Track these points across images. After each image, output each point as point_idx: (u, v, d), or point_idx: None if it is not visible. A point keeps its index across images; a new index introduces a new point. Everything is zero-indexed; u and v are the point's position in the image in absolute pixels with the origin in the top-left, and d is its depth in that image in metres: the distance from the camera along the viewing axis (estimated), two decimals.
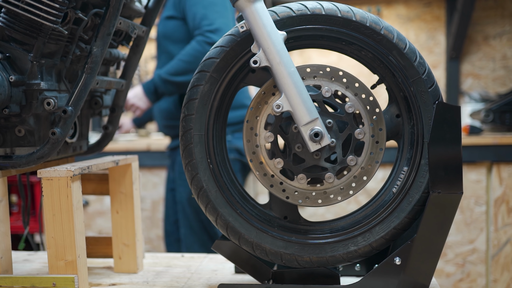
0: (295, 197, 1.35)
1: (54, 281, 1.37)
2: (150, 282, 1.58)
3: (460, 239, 3.13)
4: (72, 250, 1.38)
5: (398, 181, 1.36)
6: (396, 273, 1.30)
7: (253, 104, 1.35)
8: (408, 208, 1.33)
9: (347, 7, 1.34)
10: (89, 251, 1.72)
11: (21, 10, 1.34)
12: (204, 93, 1.37)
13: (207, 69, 1.36)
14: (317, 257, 1.36)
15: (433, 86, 1.32)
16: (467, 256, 3.14)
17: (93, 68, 1.39)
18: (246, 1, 1.28)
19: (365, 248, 1.35)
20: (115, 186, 1.65)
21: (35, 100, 1.41)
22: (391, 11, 4.13)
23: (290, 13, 1.34)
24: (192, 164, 1.38)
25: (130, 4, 1.60)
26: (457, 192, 1.26)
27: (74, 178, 1.39)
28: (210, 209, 1.38)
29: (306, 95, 1.28)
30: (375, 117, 1.32)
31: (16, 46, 1.40)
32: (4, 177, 1.48)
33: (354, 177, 1.34)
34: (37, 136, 1.47)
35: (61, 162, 1.67)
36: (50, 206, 1.38)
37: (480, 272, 3.12)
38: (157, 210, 3.49)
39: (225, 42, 1.36)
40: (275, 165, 1.35)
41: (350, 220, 1.41)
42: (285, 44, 1.32)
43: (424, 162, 1.31)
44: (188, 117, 1.37)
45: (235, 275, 1.64)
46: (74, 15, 1.41)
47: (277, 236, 1.38)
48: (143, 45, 1.71)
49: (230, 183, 1.42)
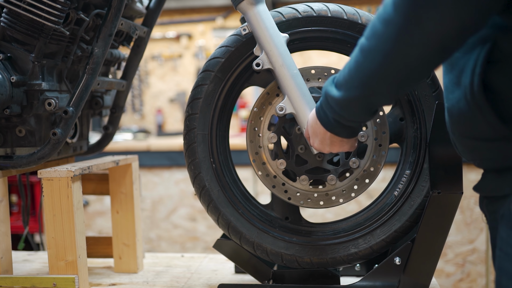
0: (297, 198, 1.35)
1: (55, 281, 1.37)
2: (150, 282, 1.58)
3: (460, 239, 3.14)
4: (73, 250, 1.39)
5: (400, 184, 1.36)
6: (396, 273, 1.30)
7: (257, 104, 1.35)
8: (410, 211, 1.33)
9: (353, 9, 1.33)
10: (89, 251, 1.72)
11: (23, 10, 1.34)
12: (208, 92, 1.37)
13: (212, 69, 1.37)
14: (318, 258, 1.36)
15: (437, 90, 1.32)
16: (467, 256, 3.14)
17: (95, 68, 1.38)
18: (248, 4, 1.28)
19: (365, 251, 1.35)
20: (115, 186, 1.66)
21: (36, 100, 1.41)
22: None
23: (296, 14, 1.34)
24: (195, 163, 1.38)
25: (131, 4, 1.60)
26: (457, 192, 1.26)
27: (75, 178, 1.39)
28: (212, 208, 1.39)
29: (309, 97, 1.28)
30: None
31: (17, 47, 1.40)
32: (5, 177, 1.48)
33: (357, 179, 1.34)
34: (38, 136, 1.47)
35: (61, 162, 1.67)
36: (50, 206, 1.38)
37: (480, 272, 3.12)
38: (157, 210, 3.49)
39: (230, 42, 1.36)
40: (278, 166, 1.35)
41: (351, 222, 1.41)
42: (290, 46, 1.32)
43: (426, 166, 1.31)
44: (192, 116, 1.38)
45: (235, 275, 1.64)
46: (76, 15, 1.41)
47: (278, 237, 1.38)
48: (144, 45, 1.71)
49: (233, 182, 1.42)
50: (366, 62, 0.95)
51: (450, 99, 1.03)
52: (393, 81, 0.95)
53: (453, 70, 1.01)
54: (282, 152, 1.37)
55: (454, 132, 1.06)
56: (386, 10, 0.90)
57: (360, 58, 0.97)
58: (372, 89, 0.98)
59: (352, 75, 1.00)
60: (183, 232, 3.46)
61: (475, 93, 0.93)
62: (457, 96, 1.00)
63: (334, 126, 1.10)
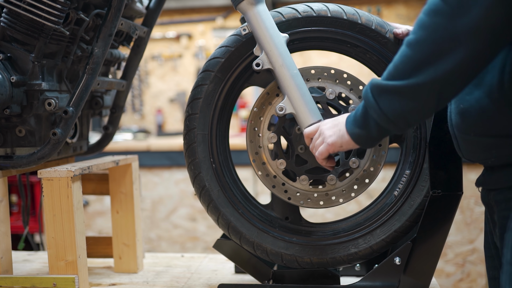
0: (297, 198, 1.35)
1: (55, 281, 1.37)
2: (150, 282, 1.58)
3: (460, 239, 3.14)
4: (73, 250, 1.39)
5: (400, 184, 1.36)
6: (396, 273, 1.30)
7: (257, 104, 1.35)
8: (410, 211, 1.33)
9: (352, 9, 1.33)
10: (89, 251, 1.72)
11: (23, 10, 1.34)
12: (208, 92, 1.37)
13: (212, 69, 1.37)
14: (318, 258, 1.36)
15: None
16: (467, 256, 3.14)
17: (95, 68, 1.38)
18: (248, 4, 1.28)
19: (365, 251, 1.35)
20: (115, 186, 1.65)
21: (36, 100, 1.41)
22: (391, 11, 4.13)
23: (295, 14, 1.34)
24: (195, 163, 1.38)
25: (131, 4, 1.60)
26: (457, 192, 1.26)
27: (75, 178, 1.39)
28: (212, 208, 1.39)
29: (309, 97, 1.28)
30: None
31: (17, 47, 1.40)
32: (5, 177, 1.48)
33: (356, 179, 1.33)
34: (38, 136, 1.46)
35: (61, 162, 1.67)
36: (50, 206, 1.38)
37: (480, 272, 3.12)
38: (157, 210, 3.49)
39: (230, 42, 1.36)
40: (278, 166, 1.35)
41: (351, 222, 1.41)
42: (290, 46, 1.32)
43: (426, 166, 1.31)
44: (192, 116, 1.38)
45: (235, 275, 1.64)
46: (76, 15, 1.41)
47: (278, 237, 1.38)
48: (144, 45, 1.71)
49: (233, 182, 1.42)
50: (415, 53, 0.94)
51: (467, 100, 1.04)
52: (444, 73, 0.92)
53: None
54: (282, 152, 1.37)
55: (468, 133, 1.06)
56: (433, 2, 0.90)
57: (408, 51, 0.95)
58: (421, 80, 0.94)
59: (400, 68, 0.96)
60: (183, 232, 3.46)
61: (505, 90, 0.95)
62: (477, 96, 1.01)
63: (358, 123, 1.06)
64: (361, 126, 1.07)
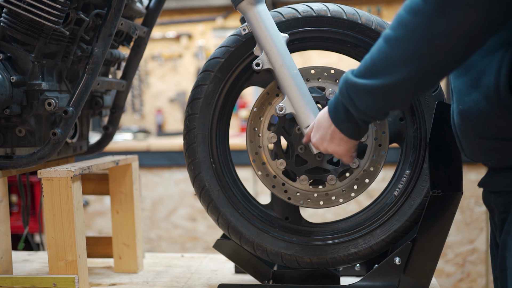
0: (297, 198, 1.35)
1: (55, 281, 1.37)
2: (150, 282, 1.58)
3: (460, 239, 3.14)
4: (73, 250, 1.39)
5: (400, 184, 1.36)
6: (396, 273, 1.30)
7: (257, 104, 1.35)
8: (410, 211, 1.33)
9: (352, 9, 1.33)
10: (89, 251, 1.72)
11: (23, 10, 1.34)
12: (208, 92, 1.37)
13: (212, 69, 1.37)
14: (318, 258, 1.36)
15: (437, 90, 1.32)
16: (467, 256, 3.14)
17: (94, 68, 1.38)
18: (248, 4, 1.28)
19: (365, 251, 1.35)
20: (115, 186, 1.66)
21: (36, 100, 1.41)
22: (391, 11, 4.13)
23: (295, 14, 1.34)
24: (195, 163, 1.38)
25: (131, 4, 1.60)
26: (457, 192, 1.26)
27: (75, 178, 1.39)
28: (212, 209, 1.39)
29: (309, 97, 1.28)
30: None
31: (17, 47, 1.40)
32: (5, 177, 1.48)
33: (356, 179, 1.33)
34: (38, 136, 1.47)
35: (61, 162, 1.67)
36: (50, 206, 1.38)
37: (480, 272, 3.12)
38: (157, 210, 3.49)
39: (230, 42, 1.36)
40: (278, 166, 1.35)
41: (351, 222, 1.41)
42: (290, 46, 1.32)
43: (426, 166, 1.30)
44: (192, 116, 1.38)
45: (235, 275, 1.64)
46: (76, 15, 1.41)
47: (278, 237, 1.38)
48: (144, 45, 1.71)
49: (232, 182, 1.42)
50: (393, 51, 0.94)
51: (466, 102, 1.04)
52: (418, 73, 0.94)
53: (468, 73, 1.02)
54: (282, 152, 1.37)
55: (468, 134, 1.06)
56: (414, 1, 0.90)
57: (385, 48, 0.96)
58: (396, 79, 0.96)
59: (377, 64, 0.98)
60: (183, 232, 3.46)
61: (501, 93, 0.94)
62: (475, 98, 1.01)
63: (342, 119, 1.09)
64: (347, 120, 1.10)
